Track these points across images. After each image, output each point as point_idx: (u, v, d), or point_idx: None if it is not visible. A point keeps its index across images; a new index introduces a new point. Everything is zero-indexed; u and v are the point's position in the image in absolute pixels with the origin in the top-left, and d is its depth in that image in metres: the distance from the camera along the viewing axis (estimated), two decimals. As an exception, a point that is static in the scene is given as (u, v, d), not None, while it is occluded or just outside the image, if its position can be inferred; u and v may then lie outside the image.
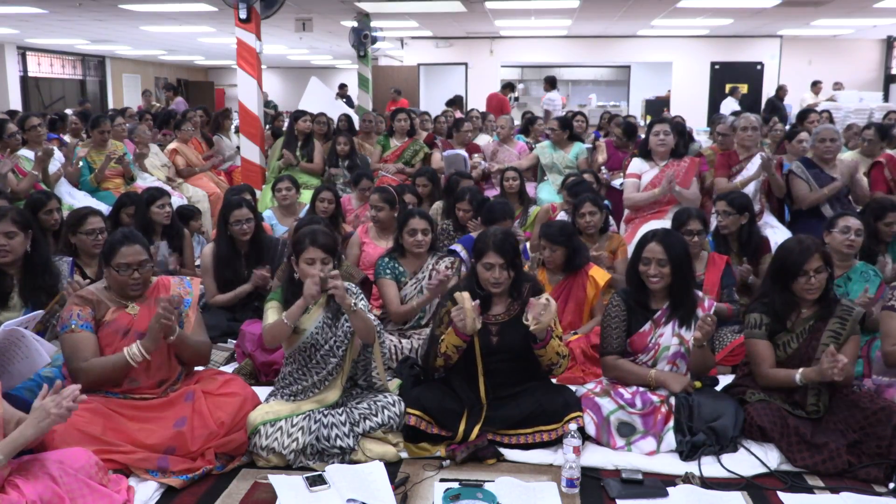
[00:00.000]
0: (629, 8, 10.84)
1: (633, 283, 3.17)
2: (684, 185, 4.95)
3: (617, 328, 3.13)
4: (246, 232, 4.26)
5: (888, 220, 4.16)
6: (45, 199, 4.33)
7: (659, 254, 3.05)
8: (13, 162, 5.22)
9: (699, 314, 3.07)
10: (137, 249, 2.90)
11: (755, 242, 4.29)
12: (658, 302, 3.14)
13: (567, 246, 3.87)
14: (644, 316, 3.13)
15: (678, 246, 3.10)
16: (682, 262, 3.07)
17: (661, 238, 3.10)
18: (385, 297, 3.86)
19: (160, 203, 4.53)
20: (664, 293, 3.12)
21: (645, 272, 3.08)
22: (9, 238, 3.30)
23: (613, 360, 3.13)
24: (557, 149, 6.59)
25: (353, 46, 11.69)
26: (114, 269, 2.87)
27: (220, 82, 23.28)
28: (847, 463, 2.75)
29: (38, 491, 2.16)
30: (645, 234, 3.20)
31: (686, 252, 3.13)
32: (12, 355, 2.47)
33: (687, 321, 3.09)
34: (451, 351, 2.98)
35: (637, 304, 3.14)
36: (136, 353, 2.77)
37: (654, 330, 3.10)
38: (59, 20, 11.66)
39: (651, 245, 3.08)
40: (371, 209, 4.64)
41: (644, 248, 3.11)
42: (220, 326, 4.12)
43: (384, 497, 2.55)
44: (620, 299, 3.16)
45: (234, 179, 7.63)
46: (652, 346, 3.10)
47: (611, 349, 3.13)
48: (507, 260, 3.00)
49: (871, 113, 10.47)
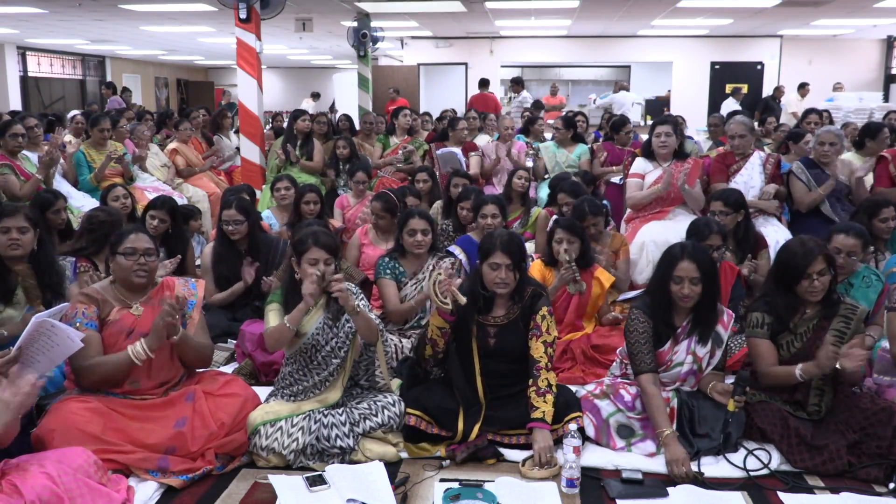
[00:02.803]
0: (629, 8, 10.84)
1: (658, 300, 3.03)
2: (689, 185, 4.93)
3: (646, 343, 2.99)
4: (234, 232, 4.27)
5: (883, 217, 4.15)
6: (53, 198, 4.35)
7: (692, 272, 2.92)
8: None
9: (720, 331, 3.03)
10: (144, 238, 2.98)
11: (751, 239, 4.28)
12: (681, 318, 3.05)
13: (583, 239, 3.91)
14: (666, 333, 3.03)
15: (709, 262, 2.97)
16: (713, 279, 2.97)
17: (692, 254, 2.94)
18: (384, 296, 3.86)
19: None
20: (688, 309, 3.03)
21: (678, 291, 2.95)
22: (21, 233, 3.35)
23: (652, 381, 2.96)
24: (561, 148, 6.59)
25: (354, 46, 11.69)
26: (120, 255, 2.93)
27: (220, 82, 23.29)
28: (847, 463, 2.74)
29: (37, 491, 2.15)
30: (671, 250, 3.03)
31: (715, 267, 3.04)
32: (43, 345, 2.52)
33: (705, 338, 3.02)
34: (436, 334, 2.98)
35: (660, 320, 3.02)
36: (139, 352, 2.78)
37: (672, 347, 3.03)
38: (59, 20, 11.66)
39: (683, 264, 2.93)
40: (372, 215, 4.63)
41: (674, 266, 2.94)
42: (220, 326, 4.11)
43: (384, 497, 2.54)
44: (645, 315, 3.01)
45: (234, 179, 7.63)
46: (666, 363, 3.04)
47: (645, 367, 2.97)
48: (513, 261, 2.99)
49: (871, 113, 10.46)
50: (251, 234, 4.33)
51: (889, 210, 4.18)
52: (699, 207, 4.98)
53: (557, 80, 15.97)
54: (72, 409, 2.66)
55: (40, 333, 2.51)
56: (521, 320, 3.05)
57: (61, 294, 3.42)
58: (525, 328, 3.04)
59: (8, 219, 3.32)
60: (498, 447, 2.91)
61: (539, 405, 2.89)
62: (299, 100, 18.99)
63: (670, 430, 2.84)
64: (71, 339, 2.58)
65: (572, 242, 3.86)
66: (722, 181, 5.07)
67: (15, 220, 3.34)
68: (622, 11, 11.29)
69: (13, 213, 3.35)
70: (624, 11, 11.26)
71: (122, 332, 2.88)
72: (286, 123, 7.86)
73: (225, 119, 8.40)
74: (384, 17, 11.83)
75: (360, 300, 3.05)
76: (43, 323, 2.49)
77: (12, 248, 3.33)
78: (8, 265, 3.35)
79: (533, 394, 2.93)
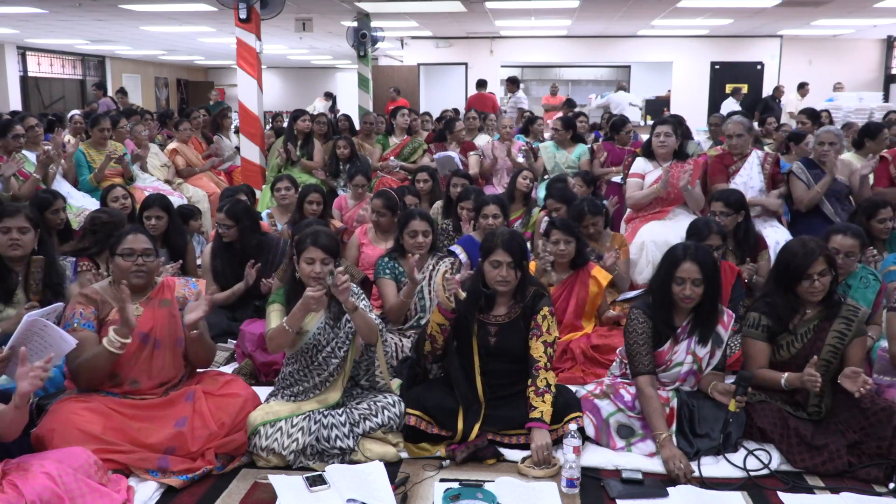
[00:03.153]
0: (629, 8, 10.84)
1: (659, 301, 3.02)
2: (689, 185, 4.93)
3: (645, 345, 2.99)
4: (225, 235, 4.30)
5: (881, 217, 4.14)
6: (52, 198, 4.35)
7: (695, 273, 2.91)
8: (18, 165, 5.22)
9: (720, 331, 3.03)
10: (143, 238, 2.99)
11: (751, 239, 4.28)
12: (681, 318, 3.05)
13: (579, 239, 3.90)
14: (666, 333, 3.03)
15: (711, 263, 2.95)
16: (714, 279, 2.96)
17: (694, 255, 2.93)
18: (384, 296, 3.86)
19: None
20: (688, 309, 3.02)
21: (679, 293, 2.94)
22: (22, 233, 3.37)
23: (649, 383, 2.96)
24: (560, 149, 6.59)
25: (353, 47, 11.68)
26: (119, 256, 2.94)
27: (220, 82, 23.28)
28: (847, 464, 2.74)
29: (38, 491, 2.16)
30: (673, 251, 3.02)
31: (717, 268, 3.02)
32: (36, 346, 2.52)
33: (705, 338, 3.02)
34: (435, 331, 2.98)
35: (661, 320, 3.02)
36: (113, 340, 2.74)
37: (672, 347, 3.04)
38: (59, 20, 11.65)
39: (686, 265, 2.92)
40: (372, 213, 4.63)
41: (677, 267, 2.93)
42: (220, 326, 4.11)
43: (384, 497, 2.54)
44: (645, 315, 3.01)
45: (234, 179, 7.62)
46: (666, 363, 3.04)
47: (643, 369, 2.97)
48: (514, 259, 2.99)
49: (871, 113, 10.46)
50: (243, 236, 4.33)
51: (887, 210, 4.18)
52: (699, 207, 4.97)
53: (557, 80, 15.98)
54: (72, 409, 2.66)
55: (33, 333, 2.50)
56: (522, 320, 3.05)
57: (62, 294, 3.42)
58: (526, 328, 3.04)
59: (8, 219, 3.34)
60: (498, 447, 2.91)
61: (538, 405, 2.89)
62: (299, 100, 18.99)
63: (667, 432, 2.84)
64: (64, 339, 2.57)
65: (569, 242, 3.86)
66: (722, 181, 5.06)
67: (15, 220, 3.35)
68: (622, 11, 11.29)
69: (14, 213, 3.36)
70: (624, 11, 11.26)
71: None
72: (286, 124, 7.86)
73: (224, 119, 8.41)
74: (384, 17, 11.83)
75: (362, 300, 3.05)
76: (35, 322, 2.48)
77: (13, 248, 3.34)
78: (8, 265, 3.36)
79: (532, 394, 2.93)
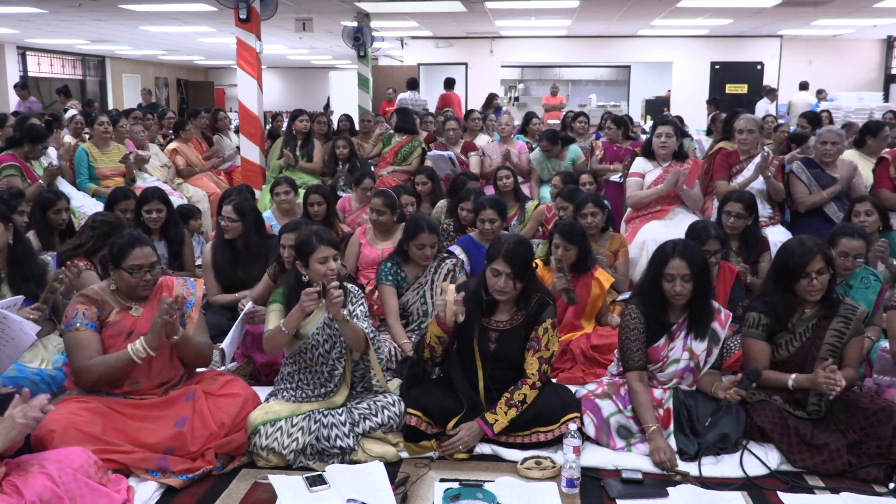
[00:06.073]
0: (629, 8, 10.84)
1: (650, 298, 3.05)
2: (688, 186, 4.93)
3: (636, 341, 3.02)
4: (227, 229, 4.27)
5: (856, 211, 4.15)
6: (55, 198, 4.36)
7: (683, 269, 2.94)
8: (70, 152, 5.24)
9: (717, 328, 3.04)
10: (148, 251, 2.92)
11: (754, 241, 4.28)
12: (675, 315, 3.06)
13: (581, 246, 3.86)
14: (660, 329, 3.05)
15: (700, 260, 2.99)
16: (704, 276, 3.00)
17: (682, 252, 2.97)
18: (384, 304, 3.86)
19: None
20: (682, 306, 3.04)
21: (670, 290, 2.98)
22: None
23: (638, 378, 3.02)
24: (551, 158, 6.58)
25: (352, 47, 11.68)
26: (125, 272, 2.88)
27: (220, 82, 23.28)
28: (847, 463, 2.74)
29: (38, 491, 2.15)
30: (662, 248, 3.06)
31: (707, 264, 3.06)
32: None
33: (701, 334, 3.03)
34: (434, 342, 2.97)
35: (654, 318, 3.05)
36: (139, 350, 2.77)
37: (668, 343, 3.05)
38: (59, 20, 11.65)
39: (674, 262, 2.96)
40: (372, 212, 4.60)
41: (666, 264, 2.98)
42: (220, 326, 4.10)
43: (384, 497, 2.54)
44: (638, 311, 3.04)
45: (234, 179, 7.62)
46: (662, 359, 3.05)
47: (634, 364, 3.01)
48: (514, 270, 2.94)
49: (871, 113, 10.45)
50: (245, 234, 4.32)
51: (864, 205, 4.18)
52: (698, 207, 4.97)
53: (557, 80, 15.97)
54: (72, 409, 2.66)
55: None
56: (524, 328, 3.03)
57: (44, 287, 3.36)
58: (526, 337, 3.03)
59: None
60: (498, 447, 2.91)
61: (499, 413, 2.91)
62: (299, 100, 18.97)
63: (656, 425, 2.88)
64: (24, 331, 2.52)
65: (568, 249, 3.83)
66: (723, 179, 5.06)
67: None
68: (622, 11, 11.28)
69: None
70: (624, 11, 11.26)
71: (122, 334, 2.88)
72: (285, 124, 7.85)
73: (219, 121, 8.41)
74: (384, 17, 11.82)
75: (360, 304, 3.04)
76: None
77: None
78: None
79: (504, 399, 2.93)
